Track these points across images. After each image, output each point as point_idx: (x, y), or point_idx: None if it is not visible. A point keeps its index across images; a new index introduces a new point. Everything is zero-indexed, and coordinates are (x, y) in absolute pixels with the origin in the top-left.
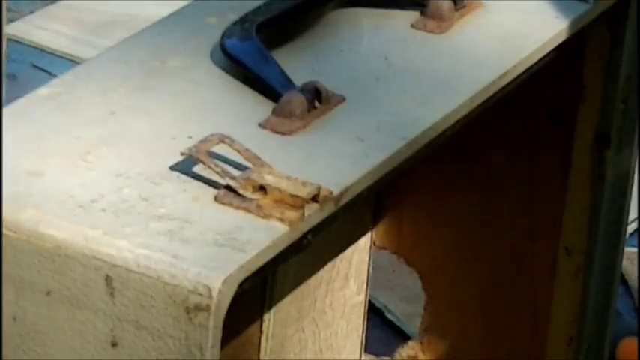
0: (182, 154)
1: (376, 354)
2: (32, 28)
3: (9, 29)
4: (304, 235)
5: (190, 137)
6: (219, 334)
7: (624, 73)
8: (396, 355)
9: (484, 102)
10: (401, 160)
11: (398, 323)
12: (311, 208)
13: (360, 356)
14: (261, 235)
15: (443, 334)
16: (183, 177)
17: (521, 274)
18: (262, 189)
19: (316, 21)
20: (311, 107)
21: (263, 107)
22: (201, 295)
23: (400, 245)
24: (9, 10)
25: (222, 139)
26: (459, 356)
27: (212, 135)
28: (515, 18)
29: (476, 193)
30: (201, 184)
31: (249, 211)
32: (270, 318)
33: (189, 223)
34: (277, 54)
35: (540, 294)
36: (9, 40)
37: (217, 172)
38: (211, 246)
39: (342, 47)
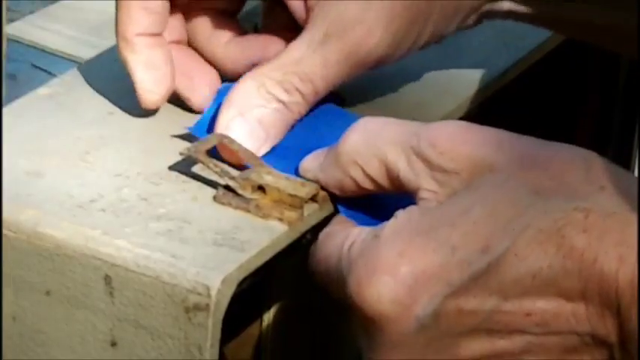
0: (181, 153)
1: None
2: (32, 28)
3: (9, 29)
4: (303, 235)
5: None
6: (219, 334)
7: (625, 72)
8: None
9: (483, 102)
10: None
11: None
12: (310, 208)
13: (360, 357)
14: (261, 235)
15: None
16: (183, 177)
17: None
18: (261, 189)
19: None
20: None
21: None
22: (200, 294)
23: None
24: (9, 10)
25: (222, 139)
26: None
27: (211, 135)
28: None
29: None
30: (200, 184)
31: (248, 210)
32: (270, 318)
33: (189, 222)
34: None
35: None
36: (9, 40)
37: (216, 172)
38: (210, 246)
39: None
